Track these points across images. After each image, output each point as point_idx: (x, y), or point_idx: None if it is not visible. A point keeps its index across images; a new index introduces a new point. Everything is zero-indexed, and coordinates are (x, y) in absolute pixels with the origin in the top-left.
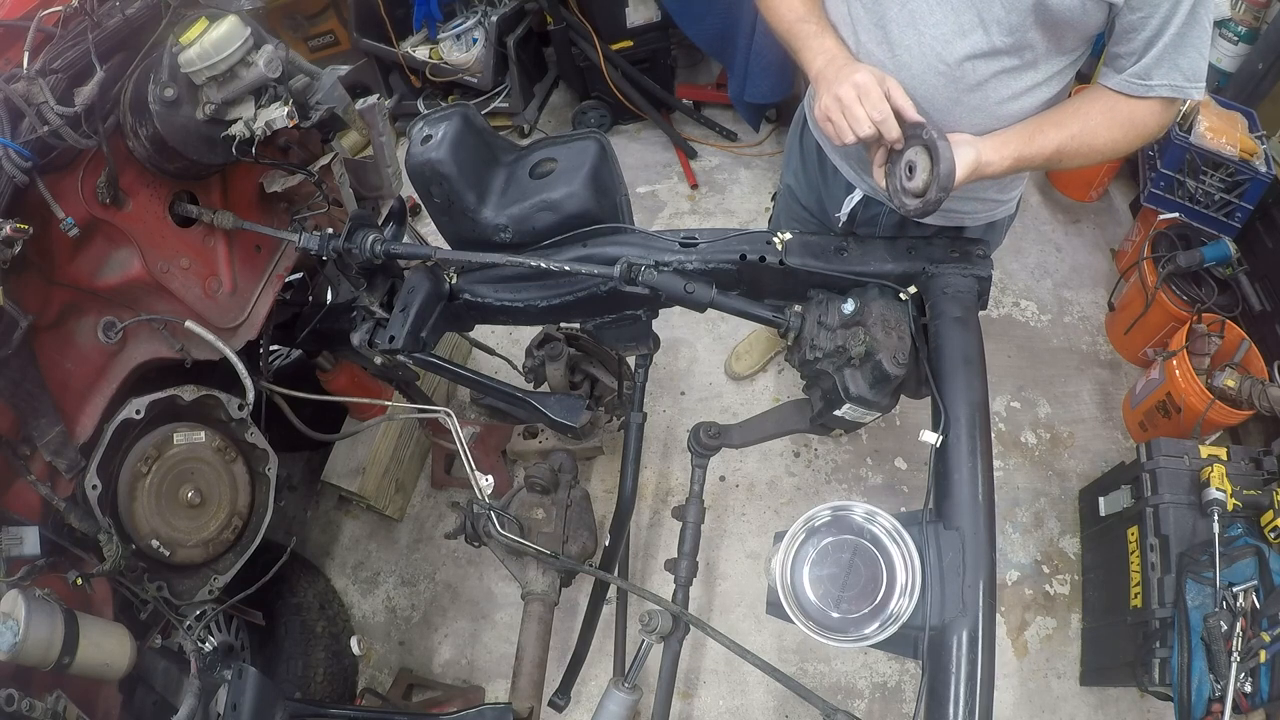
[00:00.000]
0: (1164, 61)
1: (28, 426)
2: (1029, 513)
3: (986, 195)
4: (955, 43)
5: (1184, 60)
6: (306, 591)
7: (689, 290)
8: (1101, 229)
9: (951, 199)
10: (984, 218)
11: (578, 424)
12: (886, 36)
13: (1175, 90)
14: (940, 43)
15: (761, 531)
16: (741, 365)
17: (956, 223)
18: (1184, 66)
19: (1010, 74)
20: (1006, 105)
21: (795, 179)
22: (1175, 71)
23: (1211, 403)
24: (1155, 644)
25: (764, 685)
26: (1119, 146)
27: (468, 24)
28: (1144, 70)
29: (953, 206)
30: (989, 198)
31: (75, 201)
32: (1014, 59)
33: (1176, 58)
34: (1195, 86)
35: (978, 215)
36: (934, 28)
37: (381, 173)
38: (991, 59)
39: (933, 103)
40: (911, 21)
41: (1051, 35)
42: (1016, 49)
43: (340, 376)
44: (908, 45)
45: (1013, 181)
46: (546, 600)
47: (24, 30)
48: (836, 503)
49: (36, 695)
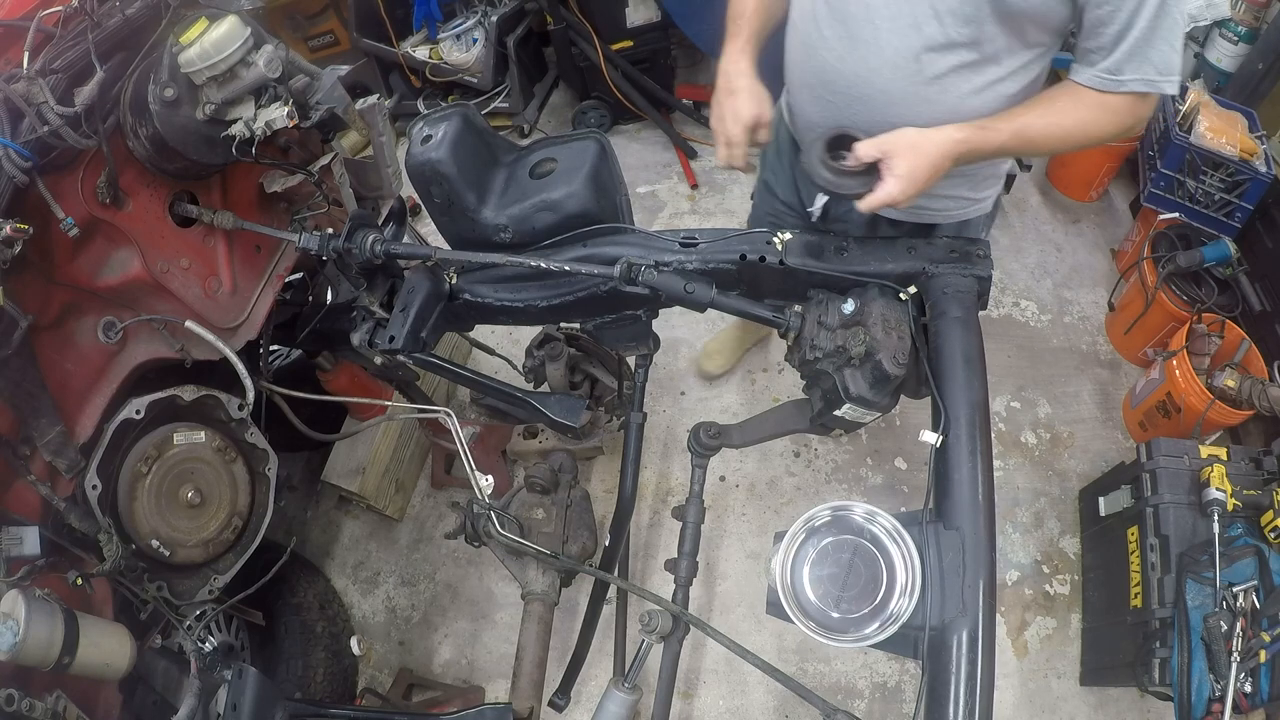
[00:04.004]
0: (1135, 56)
1: (28, 426)
2: (1029, 513)
3: (957, 193)
4: (910, 35)
5: (1155, 54)
6: (306, 591)
7: (689, 290)
8: (1101, 229)
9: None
10: (956, 215)
11: (578, 424)
12: (847, 30)
13: (1148, 85)
14: (896, 35)
15: (761, 531)
16: (713, 364)
17: (927, 220)
18: (1155, 60)
19: (971, 68)
20: (968, 101)
21: (773, 174)
22: (1147, 65)
23: (1211, 403)
24: (1155, 644)
25: (764, 685)
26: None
27: (468, 24)
28: (1115, 65)
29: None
30: (960, 195)
31: (75, 201)
32: (972, 52)
33: (1148, 51)
34: (1168, 80)
35: (949, 213)
36: (890, 20)
37: (381, 173)
38: (948, 52)
39: (892, 96)
40: (869, 15)
41: (1011, 28)
42: (974, 42)
43: (340, 376)
44: (866, 39)
45: (985, 180)
46: (546, 600)
47: (24, 30)
48: (836, 503)
49: (36, 695)
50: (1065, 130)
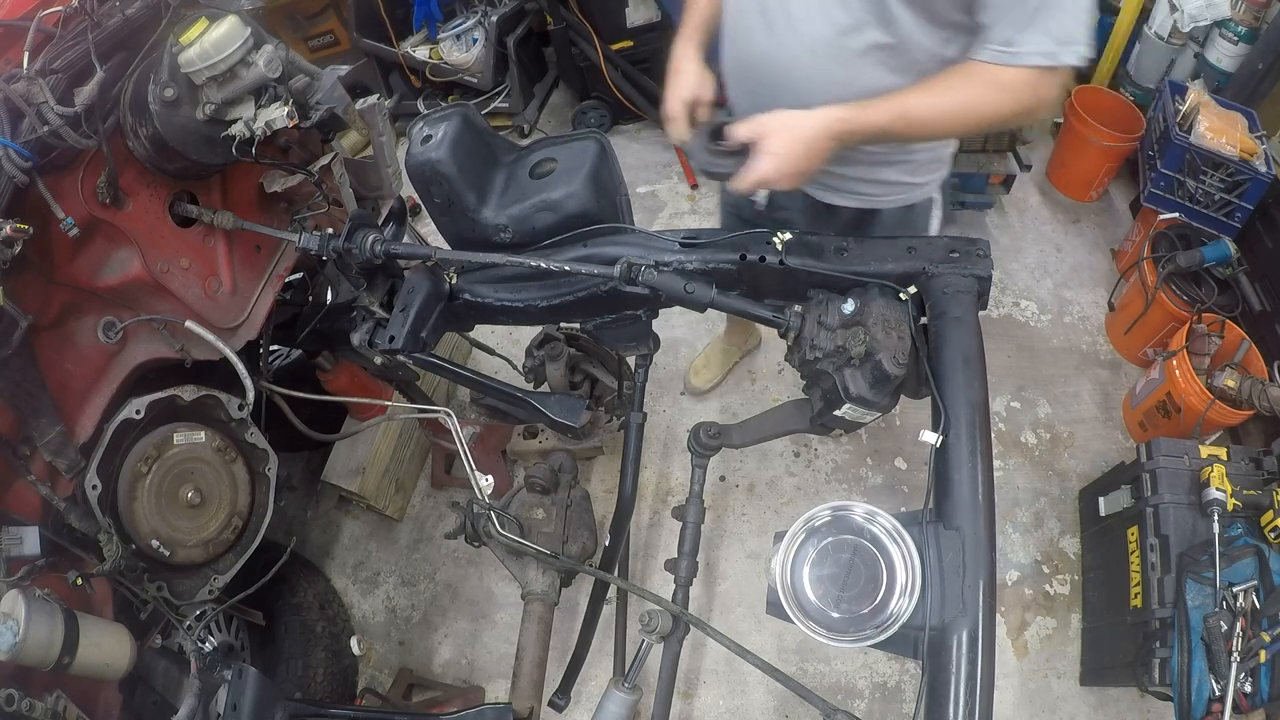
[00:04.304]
0: (1032, 25)
1: (28, 426)
2: (1029, 513)
3: (895, 178)
4: (821, 21)
5: (1054, 23)
6: (306, 591)
7: (689, 290)
8: (1101, 229)
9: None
10: (896, 201)
11: (578, 424)
12: (766, 21)
13: (1047, 57)
14: (809, 23)
15: (761, 531)
16: (700, 379)
17: (866, 204)
18: (1055, 30)
19: (887, 51)
20: (886, 83)
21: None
22: (1045, 37)
23: (1211, 403)
24: (1155, 644)
25: (764, 685)
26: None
27: (468, 24)
28: (1009, 37)
29: (857, 188)
30: (898, 181)
31: (75, 201)
32: (883, 33)
33: (1046, 21)
34: (1071, 50)
35: (887, 198)
36: (802, 7)
37: (381, 173)
38: (859, 34)
39: (814, 84)
40: (783, 5)
41: (918, 7)
42: (883, 22)
43: (340, 376)
44: (782, 28)
45: (925, 166)
46: (546, 600)
47: (24, 30)
48: (836, 503)
49: (36, 695)
50: (952, 109)
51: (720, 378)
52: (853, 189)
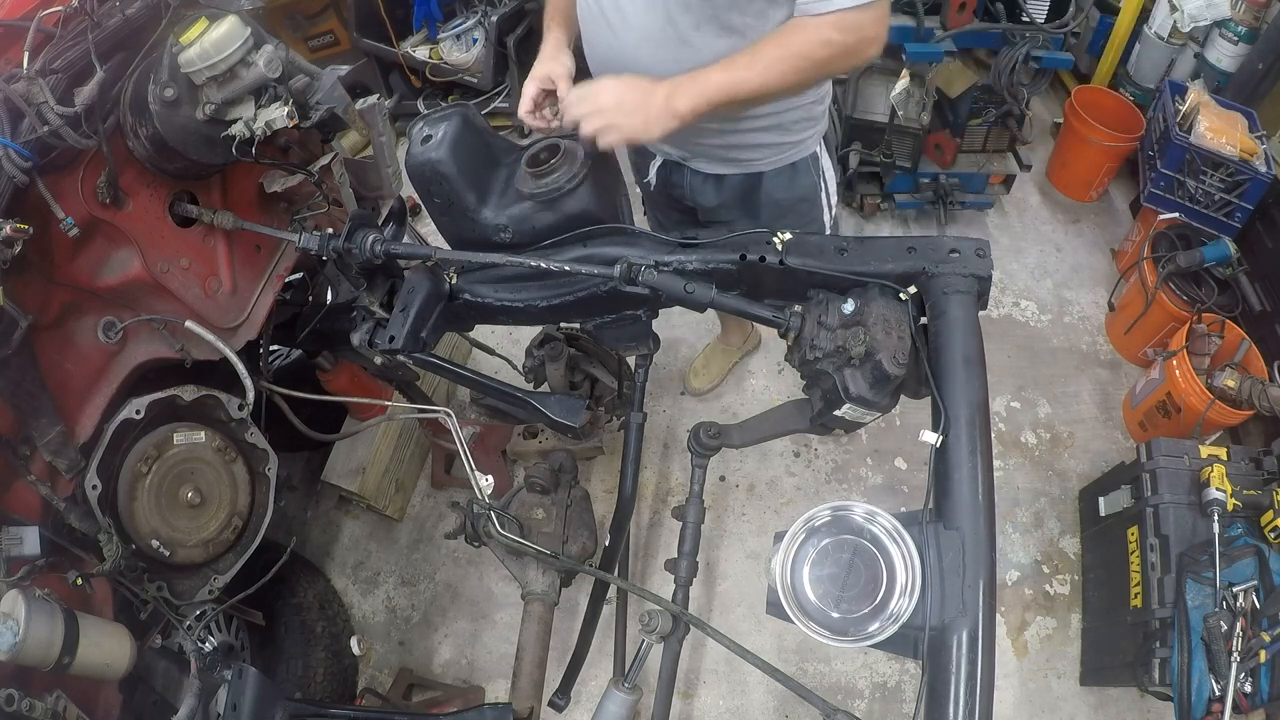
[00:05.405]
0: None
1: (28, 426)
2: (1029, 513)
3: (767, 140)
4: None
5: None
6: (306, 591)
7: (689, 290)
8: (1101, 229)
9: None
10: (776, 161)
11: (578, 424)
12: (606, 17)
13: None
14: (639, 15)
15: (761, 531)
16: (700, 381)
17: (747, 169)
18: None
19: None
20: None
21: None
22: None
23: (1211, 403)
24: (1155, 644)
25: (764, 685)
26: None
27: (468, 24)
28: None
29: (735, 154)
30: (771, 143)
31: (75, 201)
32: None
33: None
34: None
35: (766, 160)
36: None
37: (381, 173)
38: (687, 13)
39: (656, 69)
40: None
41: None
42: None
43: (340, 376)
44: (618, 23)
45: (797, 124)
46: (546, 600)
47: (24, 30)
48: (836, 503)
49: (36, 695)
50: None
51: (720, 379)
52: (732, 156)
